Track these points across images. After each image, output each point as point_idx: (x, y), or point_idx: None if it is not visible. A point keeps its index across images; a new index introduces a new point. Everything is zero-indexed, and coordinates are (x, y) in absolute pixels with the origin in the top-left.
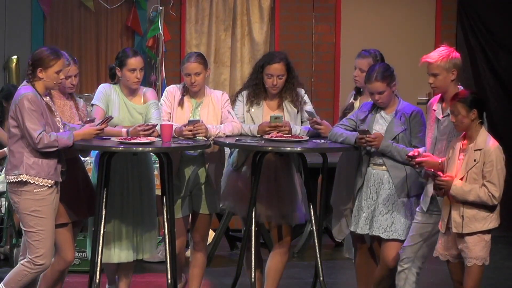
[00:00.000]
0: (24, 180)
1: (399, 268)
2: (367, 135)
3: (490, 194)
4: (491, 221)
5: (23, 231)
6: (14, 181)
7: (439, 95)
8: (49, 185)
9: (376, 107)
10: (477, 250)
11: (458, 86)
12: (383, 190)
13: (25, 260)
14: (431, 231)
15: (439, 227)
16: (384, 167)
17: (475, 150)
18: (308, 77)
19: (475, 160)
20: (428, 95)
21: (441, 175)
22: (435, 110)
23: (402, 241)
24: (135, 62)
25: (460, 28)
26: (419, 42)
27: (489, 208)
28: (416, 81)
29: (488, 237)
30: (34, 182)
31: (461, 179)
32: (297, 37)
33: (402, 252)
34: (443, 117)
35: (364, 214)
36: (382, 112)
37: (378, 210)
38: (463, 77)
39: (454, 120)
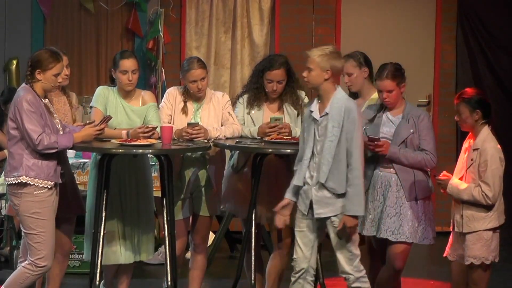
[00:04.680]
0: (23, 181)
1: (292, 279)
2: (376, 142)
3: (483, 194)
4: (490, 220)
5: (23, 233)
6: (13, 183)
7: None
8: (49, 187)
9: (383, 108)
10: (475, 249)
11: (337, 88)
12: (391, 192)
13: (27, 262)
14: (317, 236)
15: (451, 228)
16: (392, 169)
17: (474, 149)
18: None
19: (472, 160)
20: (428, 97)
21: (439, 175)
22: (312, 111)
23: (410, 244)
24: (126, 64)
25: (460, 30)
26: (419, 44)
27: (487, 208)
28: (416, 83)
29: (488, 235)
30: (33, 184)
31: (462, 178)
32: (297, 39)
33: (294, 263)
34: (321, 117)
35: (370, 216)
36: (389, 114)
37: (385, 213)
38: (463, 79)
39: (458, 119)
